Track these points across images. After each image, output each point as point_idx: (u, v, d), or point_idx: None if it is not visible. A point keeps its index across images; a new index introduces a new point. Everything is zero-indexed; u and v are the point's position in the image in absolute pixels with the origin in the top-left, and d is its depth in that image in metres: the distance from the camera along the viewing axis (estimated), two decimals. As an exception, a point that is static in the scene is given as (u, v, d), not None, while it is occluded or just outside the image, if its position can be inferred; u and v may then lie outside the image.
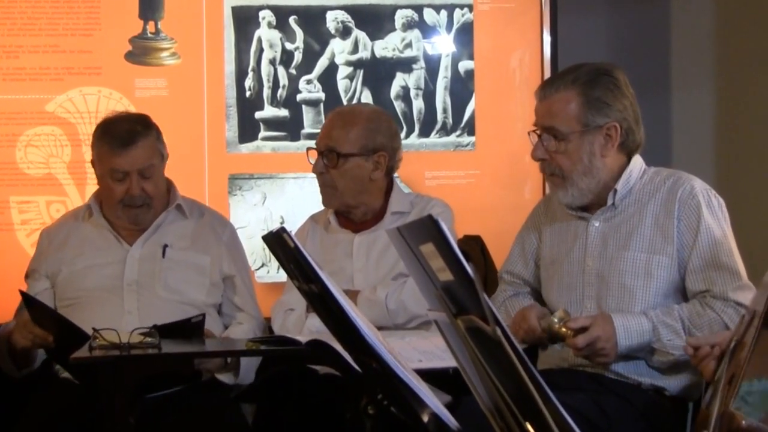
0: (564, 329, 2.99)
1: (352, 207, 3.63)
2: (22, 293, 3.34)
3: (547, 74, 4.45)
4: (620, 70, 3.20)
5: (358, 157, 3.57)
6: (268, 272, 4.43)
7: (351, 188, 3.58)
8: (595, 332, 2.96)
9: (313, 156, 3.62)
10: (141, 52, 4.52)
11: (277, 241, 2.17)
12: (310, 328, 3.37)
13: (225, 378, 3.50)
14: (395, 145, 3.66)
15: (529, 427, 1.48)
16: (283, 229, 2.11)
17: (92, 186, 4.31)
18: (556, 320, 3.01)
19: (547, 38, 4.57)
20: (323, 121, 4.43)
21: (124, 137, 3.55)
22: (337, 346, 2.49)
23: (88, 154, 4.30)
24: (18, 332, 3.35)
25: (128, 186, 3.56)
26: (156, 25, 4.52)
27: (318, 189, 3.65)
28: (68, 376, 3.43)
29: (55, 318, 3.23)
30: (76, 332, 3.13)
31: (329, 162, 3.57)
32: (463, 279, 1.46)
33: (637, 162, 3.21)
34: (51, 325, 3.23)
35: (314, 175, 3.65)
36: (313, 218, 3.79)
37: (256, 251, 4.35)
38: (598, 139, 3.14)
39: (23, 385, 3.52)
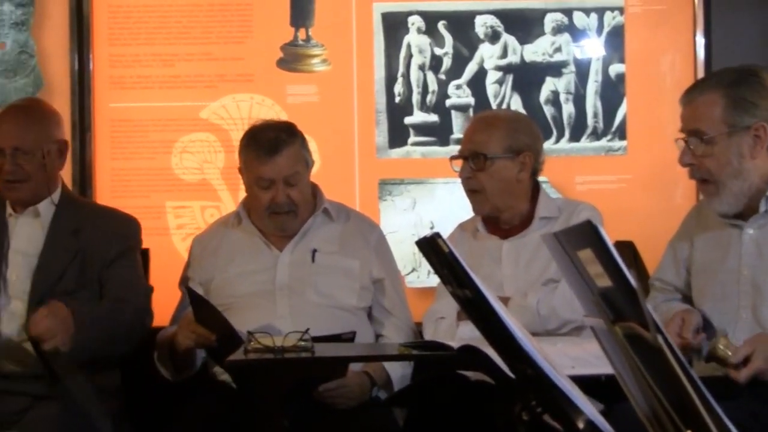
0: (726, 356, 2.90)
1: (500, 211, 3.61)
2: (189, 290, 3.39)
3: (700, 77, 4.38)
4: (766, 70, 3.13)
5: (503, 159, 3.56)
6: (418, 277, 4.44)
7: (499, 190, 3.57)
8: (756, 364, 2.87)
9: (457, 164, 3.62)
10: (292, 58, 4.58)
11: (431, 246, 2.17)
12: (461, 336, 3.36)
13: None
14: (538, 146, 3.64)
15: (690, 435, 1.46)
16: (437, 234, 2.11)
17: (245, 192, 4.39)
18: (721, 347, 2.92)
19: (700, 40, 4.50)
20: (471, 127, 4.45)
21: (269, 146, 3.58)
22: (490, 352, 2.48)
23: (240, 160, 4.39)
24: (182, 331, 3.41)
25: (274, 194, 3.58)
26: (307, 32, 4.58)
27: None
28: (225, 379, 3.49)
29: (218, 317, 3.28)
30: (233, 335, 3.18)
31: (476, 165, 3.56)
32: (623, 286, 1.44)
33: None
34: (214, 324, 3.29)
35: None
36: (461, 226, 3.79)
37: (406, 256, 4.37)
38: (746, 140, 3.07)
39: (181, 388, 3.58)
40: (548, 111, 4.48)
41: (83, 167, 4.51)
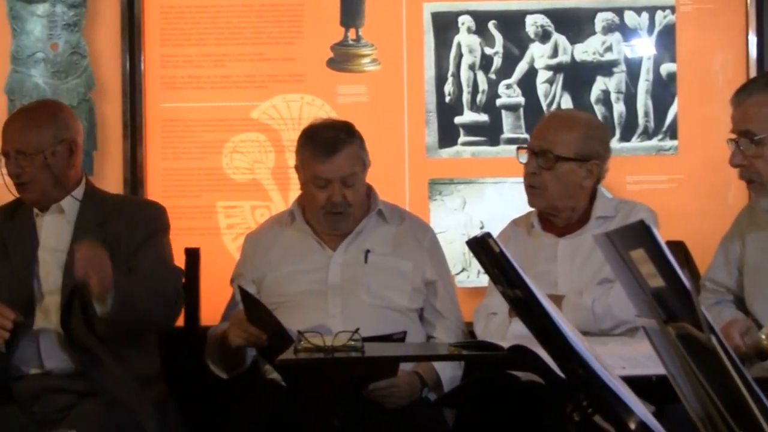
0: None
1: (557, 210, 3.61)
2: (241, 289, 3.41)
3: (752, 76, 4.34)
4: None
5: (573, 162, 3.55)
6: (468, 277, 4.44)
7: (561, 192, 3.56)
8: None
9: (523, 156, 3.61)
10: (342, 58, 4.58)
11: (482, 246, 2.17)
12: (513, 332, 3.35)
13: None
14: (607, 155, 3.64)
15: (744, 437, 1.45)
16: (488, 234, 2.11)
17: (295, 191, 4.39)
18: (763, 337, 2.92)
19: (752, 39, 4.46)
20: (522, 126, 4.44)
21: (327, 145, 3.58)
22: (541, 352, 2.47)
23: (291, 159, 4.39)
24: (233, 330, 3.42)
25: (330, 193, 3.59)
26: (357, 32, 4.58)
27: (517, 194, 3.64)
28: (274, 377, 3.50)
29: (269, 317, 3.29)
30: (284, 334, 3.20)
31: (544, 163, 3.55)
32: (676, 286, 1.44)
33: None
34: (265, 323, 3.30)
35: (514, 181, 3.65)
36: (516, 222, 3.78)
37: (456, 256, 4.36)
38: None
39: (232, 387, 3.60)
40: (599, 110, 4.46)
41: (134, 167, 4.53)
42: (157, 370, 3.69)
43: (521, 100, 4.51)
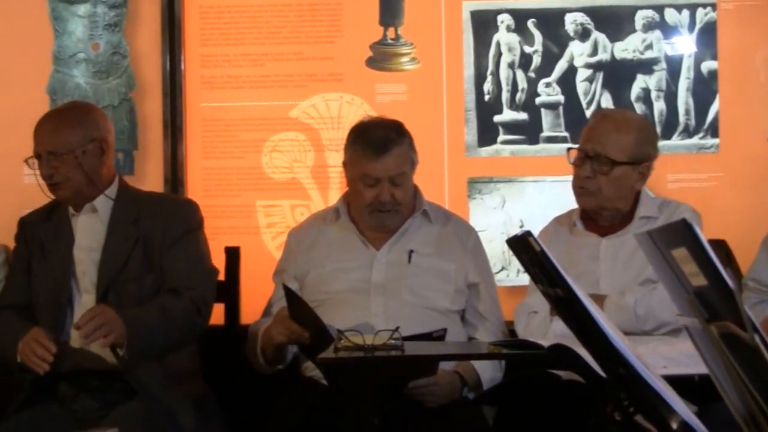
0: None
1: (605, 210, 3.59)
2: (285, 287, 3.42)
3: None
4: None
5: (627, 166, 3.53)
6: (508, 276, 4.43)
7: (613, 194, 3.55)
8: None
9: (575, 158, 3.59)
10: (381, 57, 4.59)
11: (522, 245, 2.16)
12: (554, 331, 3.34)
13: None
14: (656, 155, 3.63)
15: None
16: (528, 233, 2.10)
17: (335, 191, 4.42)
18: None
19: (794, 36, 4.44)
20: (562, 125, 4.43)
21: (378, 144, 3.59)
22: (582, 351, 2.47)
23: (330, 159, 4.42)
24: (276, 327, 3.44)
25: (378, 192, 3.59)
26: (396, 31, 4.58)
27: (557, 192, 3.62)
28: (314, 375, 3.51)
29: (311, 315, 3.30)
30: (325, 332, 3.20)
31: (599, 167, 3.52)
32: (719, 284, 1.43)
33: None
34: (307, 322, 3.31)
35: (553, 179, 3.63)
36: (558, 220, 3.77)
37: (495, 255, 4.35)
38: None
39: (271, 384, 3.61)
40: (639, 109, 4.44)
41: (175, 167, 4.56)
42: (195, 367, 3.71)
43: (561, 98, 4.50)
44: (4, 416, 3.54)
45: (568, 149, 3.65)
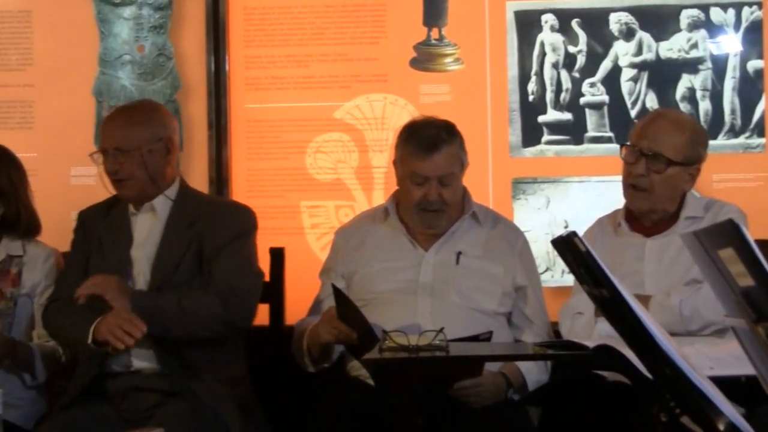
0: None
1: (654, 212, 3.58)
2: (333, 287, 3.42)
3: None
4: None
5: (680, 167, 3.52)
6: (552, 276, 4.42)
7: (665, 195, 3.53)
8: None
9: (629, 155, 3.57)
10: (425, 58, 4.59)
11: (567, 245, 2.16)
12: (599, 332, 3.33)
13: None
14: (705, 157, 3.61)
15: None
16: (573, 233, 2.10)
17: (379, 191, 4.43)
18: None
19: (841, 34, 4.40)
20: (607, 125, 4.41)
21: (428, 143, 3.59)
22: (627, 352, 2.46)
23: (375, 159, 4.42)
24: (323, 326, 3.45)
25: (427, 191, 3.59)
26: (440, 31, 4.58)
27: (601, 193, 3.61)
28: (360, 374, 3.52)
29: (358, 315, 3.31)
30: (371, 333, 3.21)
31: (654, 167, 3.51)
32: (766, 285, 1.42)
33: None
34: (355, 322, 3.32)
35: (598, 179, 3.62)
36: (602, 221, 3.76)
37: (540, 255, 4.32)
38: None
39: (316, 382, 3.62)
40: (684, 108, 4.41)
41: (219, 167, 4.58)
42: (243, 373, 3.71)
43: (605, 98, 4.48)
44: (52, 414, 3.58)
45: (622, 146, 3.62)
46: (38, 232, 3.89)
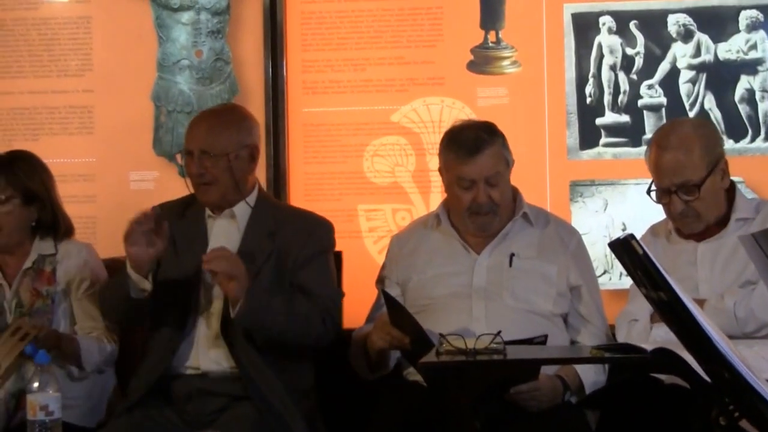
0: None
1: (710, 224, 3.55)
2: (384, 293, 3.44)
3: None
4: None
5: (709, 177, 3.48)
6: (610, 279, 4.40)
7: (710, 208, 3.49)
8: None
9: (659, 197, 3.54)
10: (482, 61, 4.59)
11: (625, 248, 2.15)
12: (655, 338, 3.31)
13: None
14: (723, 146, 3.59)
15: None
16: (631, 236, 2.09)
17: (436, 194, 4.43)
18: None
19: None
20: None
21: (470, 145, 3.58)
22: (685, 355, 2.44)
23: (432, 163, 4.42)
24: (376, 333, 3.46)
25: (475, 194, 3.58)
26: (497, 34, 4.58)
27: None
28: (417, 379, 3.52)
29: (411, 321, 3.31)
30: (425, 338, 3.21)
31: (688, 196, 3.47)
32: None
33: None
34: (408, 327, 3.32)
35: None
36: (653, 229, 3.72)
37: (597, 258, 4.32)
38: None
39: (373, 388, 3.63)
40: (743, 109, 4.39)
41: (277, 171, 4.60)
42: (311, 384, 3.72)
43: (663, 100, 4.46)
44: (116, 415, 3.60)
45: (648, 191, 3.56)
46: (71, 233, 3.93)
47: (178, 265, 3.66)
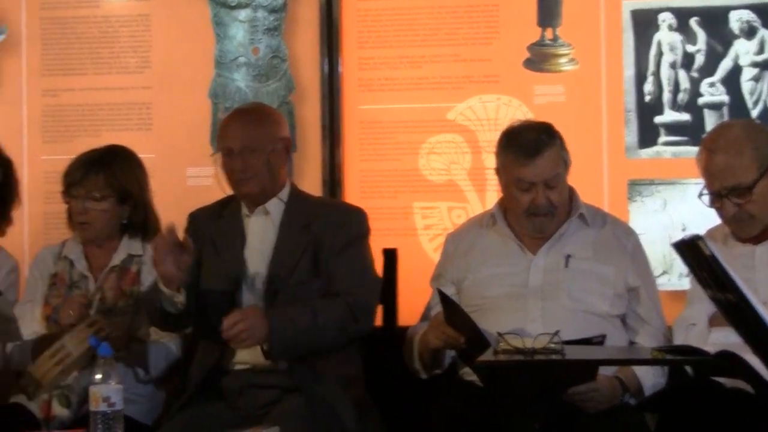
0: None
1: (763, 228, 3.50)
2: (440, 292, 3.43)
3: None
4: None
5: (762, 179, 3.43)
6: (669, 280, 4.36)
7: (765, 209, 3.45)
8: None
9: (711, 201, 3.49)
10: (539, 59, 4.56)
11: (691, 249, 2.12)
12: (713, 342, 3.26)
13: None
14: None
15: None
16: (698, 237, 2.06)
17: (492, 193, 4.41)
18: None
19: None
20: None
21: (529, 148, 3.55)
22: (750, 358, 2.41)
23: (488, 161, 4.40)
24: (432, 332, 3.46)
25: (534, 196, 3.56)
26: (554, 31, 4.55)
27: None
28: (473, 379, 3.50)
29: (466, 320, 3.29)
30: (481, 337, 3.19)
31: (740, 199, 3.42)
32: None
33: None
34: (463, 326, 3.30)
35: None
36: (711, 233, 3.65)
37: (656, 258, 4.27)
38: None
39: (430, 387, 3.62)
40: (807, 108, 4.34)
41: (333, 169, 4.60)
42: (358, 371, 3.73)
43: (725, 98, 4.41)
44: (169, 414, 3.62)
45: (700, 196, 3.51)
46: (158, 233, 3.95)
47: (219, 264, 3.72)
